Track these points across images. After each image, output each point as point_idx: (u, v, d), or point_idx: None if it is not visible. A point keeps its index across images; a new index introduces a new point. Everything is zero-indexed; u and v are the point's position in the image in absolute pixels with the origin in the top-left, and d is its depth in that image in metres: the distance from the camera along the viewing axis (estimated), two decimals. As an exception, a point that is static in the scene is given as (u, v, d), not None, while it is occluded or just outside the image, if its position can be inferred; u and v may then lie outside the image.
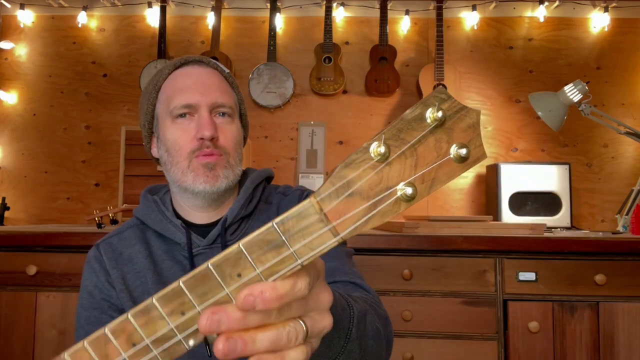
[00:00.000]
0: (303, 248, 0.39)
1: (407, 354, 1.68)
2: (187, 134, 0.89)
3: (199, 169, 0.88)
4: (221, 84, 0.93)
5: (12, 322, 1.74)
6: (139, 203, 1.00)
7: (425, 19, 2.56)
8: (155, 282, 0.91)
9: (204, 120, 0.88)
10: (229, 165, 0.90)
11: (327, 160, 2.50)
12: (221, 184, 0.89)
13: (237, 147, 0.93)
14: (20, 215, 2.54)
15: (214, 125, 0.88)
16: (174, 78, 0.93)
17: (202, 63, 0.94)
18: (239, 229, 0.94)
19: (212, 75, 0.93)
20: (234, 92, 0.97)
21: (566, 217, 2.17)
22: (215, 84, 0.92)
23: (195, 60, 0.94)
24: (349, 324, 0.59)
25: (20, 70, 2.60)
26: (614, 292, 1.66)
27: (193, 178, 0.88)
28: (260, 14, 2.58)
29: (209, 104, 0.90)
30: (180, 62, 0.94)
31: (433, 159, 0.39)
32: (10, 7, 2.58)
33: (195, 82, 0.91)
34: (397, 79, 2.46)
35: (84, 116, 2.57)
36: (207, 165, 0.88)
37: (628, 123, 2.32)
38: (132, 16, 2.61)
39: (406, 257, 1.71)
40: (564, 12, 2.53)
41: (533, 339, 1.66)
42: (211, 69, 0.94)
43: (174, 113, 0.90)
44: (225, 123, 0.91)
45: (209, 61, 0.95)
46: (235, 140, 0.92)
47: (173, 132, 0.90)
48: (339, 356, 0.59)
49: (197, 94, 0.89)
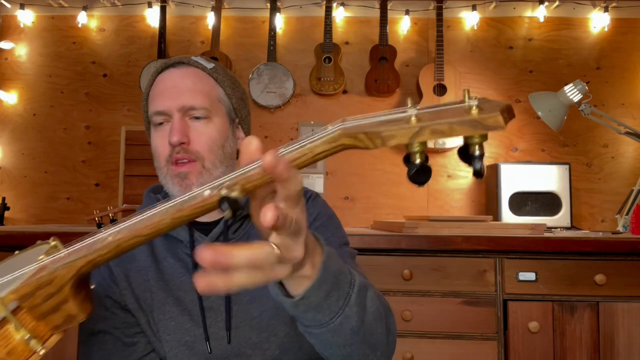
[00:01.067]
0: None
1: (407, 354, 1.68)
2: (163, 140, 0.90)
3: (173, 178, 0.90)
4: (196, 84, 0.92)
5: (12, 322, 1.73)
6: (142, 202, 1.01)
7: (425, 19, 2.56)
8: (157, 280, 0.91)
9: (173, 126, 0.88)
10: (204, 169, 0.90)
11: (327, 160, 2.50)
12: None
13: (214, 148, 0.91)
14: (20, 215, 2.54)
15: (182, 130, 0.88)
16: (155, 84, 0.94)
17: (182, 64, 0.93)
18: (241, 227, 0.95)
19: (186, 76, 0.92)
20: (219, 87, 0.95)
21: (566, 217, 2.17)
22: (187, 85, 0.91)
23: (175, 63, 0.94)
24: (349, 288, 0.63)
25: (20, 70, 2.60)
26: (614, 292, 1.67)
27: (171, 185, 0.90)
28: (260, 14, 2.58)
29: (179, 108, 0.89)
30: (161, 67, 0.94)
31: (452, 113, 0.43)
32: (10, 7, 2.58)
33: (168, 87, 0.91)
34: (397, 79, 2.46)
35: (84, 116, 2.57)
36: (179, 175, 0.89)
37: (628, 123, 2.32)
38: (132, 16, 2.61)
39: (406, 257, 1.71)
40: (564, 12, 2.53)
41: (533, 339, 1.66)
42: (189, 69, 0.93)
43: (153, 121, 0.92)
44: (200, 125, 0.90)
45: (189, 60, 0.94)
46: (210, 142, 0.90)
47: (154, 139, 0.93)
48: (335, 317, 0.61)
49: (168, 100, 0.90)
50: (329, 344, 0.65)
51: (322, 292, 0.58)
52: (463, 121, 0.41)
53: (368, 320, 0.67)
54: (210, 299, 0.90)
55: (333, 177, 2.51)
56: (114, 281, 0.92)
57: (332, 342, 0.65)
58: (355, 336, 0.66)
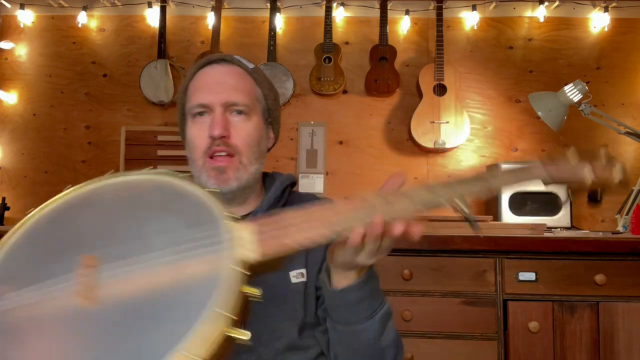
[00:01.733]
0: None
1: (407, 354, 1.68)
2: (202, 132, 0.93)
3: (210, 171, 0.92)
4: (238, 81, 0.96)
5: (12, 322, 1.73)
6: None
7: (425, 19, 2.56)
8: None
9: (215, 119, 0.91)
10: (241, 165, 0.93)
11: (327, 160, 2.50)
12: (232, 185, 0.93)
13: (252, 145, 0.95)
14: (20, 215, 2.52)
15: (224, 124, 0.91)
16: (196, 78, 0.97)
17: (225, 62, 0.97)
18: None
19: (230, 74, 0.96)
20: (257, 87, 0.99)
21: (566, 217, 2.17)
22: (231, 82, 0.95)
23: (219, 60, 0.98)
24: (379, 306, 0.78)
25: (20, 70, 2.60)
26: (614, 292, 1.67)
27: (206, 178, 0.93)
28: (260, 14, 2.58)
29: (222, 103, 0.92)
30: (204, 62, 0.98)
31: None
32: (10, 7, 2.58)
33: (211, 81, 0.95)
34: (397, 79, 2.46)
35: (84, 116, 2.57)
36: (218, 169, 0.92)
37: (628, 123, 2.32)
38: (132, 16, 2.61)
39: (406, 257, 1.71)
40: (564, 12, 2.53)
41: (533, 339, 1.66)
42: (232, 67, 0.97)
43: (192, 112, 0.95)
44: (240, 121, 0.94)
45: (232, 59, 0.98)
46: (249, 138, 0.94)
47: (191, 130, 0.95)
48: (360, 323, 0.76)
49: (211, 94, 0.93)
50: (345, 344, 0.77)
51: (358, 295, 0.74)
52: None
53: (383, 342, 0.78)
54: None
55: (333, 177, 2.51)
56: None
57: (348, 343, 0.77)
58: (368, 349, 0.77)
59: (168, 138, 2.29)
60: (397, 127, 2.52)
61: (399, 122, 2.52)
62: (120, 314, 0.56)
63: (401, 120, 2.52)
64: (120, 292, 0.57)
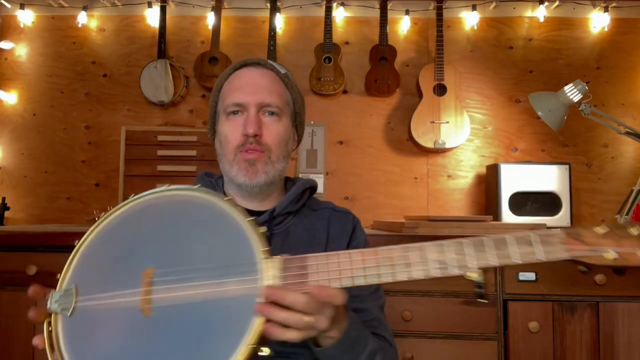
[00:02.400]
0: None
1: (407, 354, 1.68)
2: (236, 129, 0.99)
3: (241, 163, 0.98)
4: (272, 84, 1.01)
5: (12, 322, 1.74)
6: (194, 183, 1.08)
7: (425, 19, 2.56)
8: None
9: (250, 118, 0.97)
10: (270, 161, 0.99)
11: (327, 160, 2.50)
12: (260, 179, 0.98)
13: (281, 144, 1.01)
14: (20, 215, 2.54)
15: (258, 123, 0.98)
16: (231, 79, 1.03)
17: (259, 65, 1.04)
18: (283, 222, 1.03)
19: (264, 77, 1.02)
20: (288, 92, 1.05)
21: (566, 217, 2.17)
22: (265, 84, 1.01)
23: (253, 63, 1.04)
24: (361, 352, 0.82)
25: (20, 70, 2.60)
26: (614, 292, 1.67)
27: (236, 171, 0.99)
28: (260, 14, 2.58)
29: (257, 103, 0.98)
30: (240, 65, 1.04)
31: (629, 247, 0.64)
32: (10, 7, 2.58)
33: (247, 83, 1.00)
34: (397, 79, 2.46)
35: (84, 116, 2.57)
36: (249, 161, 0.98)
37: (628, 123, 2.32)
38: (132, 16, 2.61)
39: (406, 257, 1.71)
40: (564, 12, 2.53)
41: (533, 339, 1.66)
42: (266, 71, 1.03)
43: (227, 110, 1.00)
44: (272, 122, 1.00)
45: (265, 63, 1.04)
46: (279, 137, 1.00)
47: (225, 127, 1.01)
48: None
49: (247, 94, 0.99)
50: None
51: (340, 350, 0.78)
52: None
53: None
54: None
55: (333, 177, 2.51)
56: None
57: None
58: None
59: (168, 138, 2.29)
60: (397, 127, 2.52)
61: (399, 122, 2.52)
62: (172, 324, 0.69)
63: (401, 120, 2.52)
64: (171, 303, 0.70)
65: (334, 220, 1.07)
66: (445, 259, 0.71)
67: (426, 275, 0.70)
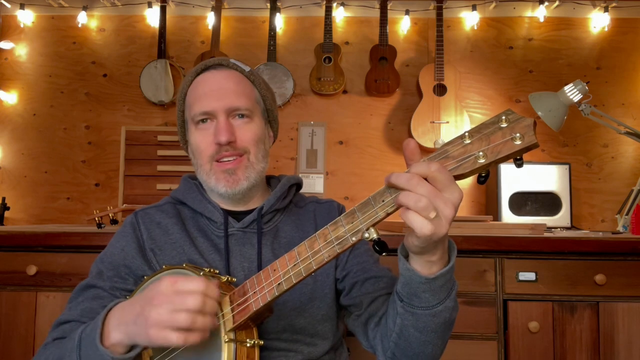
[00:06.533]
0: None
1: (407, 354, 1.68)
2: (207, 138, 0.95)
3: (219, 174, 0.95)
4: (238, 86, 0.97)
5: (12, 322, 1.74)
6: (179, 185, 1.07)
7: (425, 19, 2.56)
8: (193, 253, 0.95)
9: (220, 126, 0.94)
10: (250, 164, 0.97)
11: (327, 160, 2.50)
12: (242, 186, 0.96)
13: (258, 143, 0.98)
14: (20, 215, 2.54)
15: (230, 129, 0.94)
16: (195, 85, 0.99)
17: (222, 66, 0.99)
18: (271, 220, 1.01)
19: (229, 79, 0.97)
20: (256, 90, 1.01)
21: (566, 217, 2.17)
22: (231, 87, 0.96)
23: (215, 65, 0.99)
24: (453, 285, 0.77)
25: (20, 70, 2.60)
26: (614, 292, 1.66)
27: (215, 181, 0.96)
28: (260, 14, 2.58)
29: (225, 109, 0.95)
30: (200, 68, 0.99)
31: (499, 140, 0.63)
32: (10, 7, 2.58)
33: (212, 88, 0.96)
34: (397, 79, 2.46)
35: (84, 116, 2.57)
36: (228, 171, 0.95)
37: (628, 123, 2.32)
38: (132, 16, 2.61)
39: (406, 257, 1.71)
40: (564, 12, 2.53)
41: (533, 339, 1.66)
42: (230, 71, 0.99)
43: (195, 119, 0.97)
44: (244, 124, 0.97)
45: (228, 63, 1.00)
46: (255, 138, 0.97)
47: (195, 136, 0.97)
48: (439, 304, 0.75)
49: (214, 100, 0.95)
50: (422, 327, 0.77)
51: (445, 279, 0.73)
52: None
53: (450, 321, 0.79)
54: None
55: (333, 177, 2.51)
56: (142, 254, 0.96)
57: (425, 326, 0.77)
58: (442, 326, 0.78)
59: (168, 138, 2.29)
60: (397, 127, 2.52)
61: (399, 122, 2.52)
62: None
63: (401, 120, 2.52)
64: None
65: (319, 212, 1.06)
66: (340, 234, 0.72)
67: (330, 255, 0.72)
